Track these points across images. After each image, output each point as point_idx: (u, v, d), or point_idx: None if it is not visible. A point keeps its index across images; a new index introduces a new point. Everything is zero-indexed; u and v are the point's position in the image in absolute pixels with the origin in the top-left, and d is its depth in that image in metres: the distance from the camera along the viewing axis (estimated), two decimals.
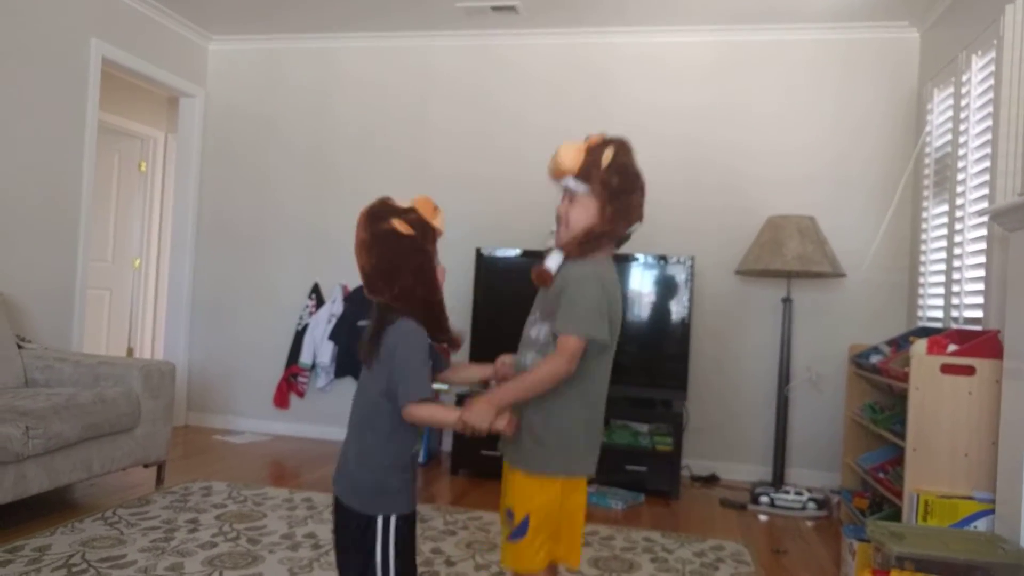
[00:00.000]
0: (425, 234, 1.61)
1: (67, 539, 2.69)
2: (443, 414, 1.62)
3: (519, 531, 1.62)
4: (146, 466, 3.44)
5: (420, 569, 2.55)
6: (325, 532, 2.91)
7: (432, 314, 1.63)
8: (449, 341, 1.69)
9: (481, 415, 1.54)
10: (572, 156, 1.69)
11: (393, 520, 1.57)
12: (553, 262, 1.70)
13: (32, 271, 3.80)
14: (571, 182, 1.70)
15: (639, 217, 1.78)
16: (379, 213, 1.61)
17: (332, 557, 2.62)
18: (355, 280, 4.69)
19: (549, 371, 1.58)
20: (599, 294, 1.62)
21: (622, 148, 1.74)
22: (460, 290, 4.24)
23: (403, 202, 1.64)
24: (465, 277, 4.25)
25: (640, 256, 4.08)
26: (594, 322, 1.59)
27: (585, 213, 1.69)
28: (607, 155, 1.69)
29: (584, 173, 1.69)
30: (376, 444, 1.59)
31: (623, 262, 4.07)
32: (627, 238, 1.79)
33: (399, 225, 1.58)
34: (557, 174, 1.71)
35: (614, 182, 1.70)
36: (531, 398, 1.60)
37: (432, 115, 4.69)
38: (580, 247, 1.67)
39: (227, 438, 4.65)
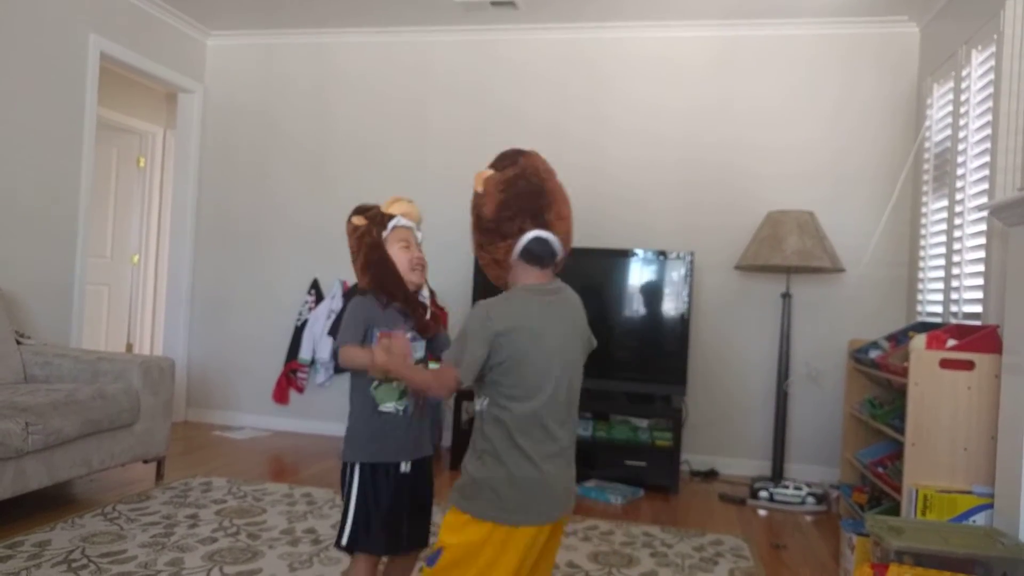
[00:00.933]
0: (378, 222, 1.88)
1: (67, 535, 2.69)
2: (358, 353, 1.76)
3: (431, 559, 1.50)
4: (146, 462, 3.44)
5: (419, 564, 2.55)
6: (325, 527, 2.91)
7: (387, 290, 1.86)
8: (412, 312, 1.88)
9: (390, 358, 1.63)
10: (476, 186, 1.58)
11: (358, 467, 1.82)
12: None
13: (31, 267, 3.80)
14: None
15: (511, 234, 1.51)
16: (350, 215, 1.92)
17: (332, 553, 2.63)
18: (354, 276, 4.68)
19: (428, 381, 1.69)
20: (477, 329, 1.48)
21: (496, 174, 1.54)
22: (459, 288, 4.24)
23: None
24: (464, 275, 4.24)
25: (639, 251, 4.08)
26: (466, 364, 1.48)
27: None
28: (476, 184, 1.55)
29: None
30: (351, 400, 1.88)
31: (622, 257, 4.07)
32: (548, 257, 1.54)
33: (355, 219, 1.90)
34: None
35: (476, 212, 1.56)
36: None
37: (431, 111, 4.69)
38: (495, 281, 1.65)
39: (226, 434, 4.65)
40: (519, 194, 1.51)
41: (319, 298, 4.72)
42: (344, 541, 1.82)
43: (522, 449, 1.47)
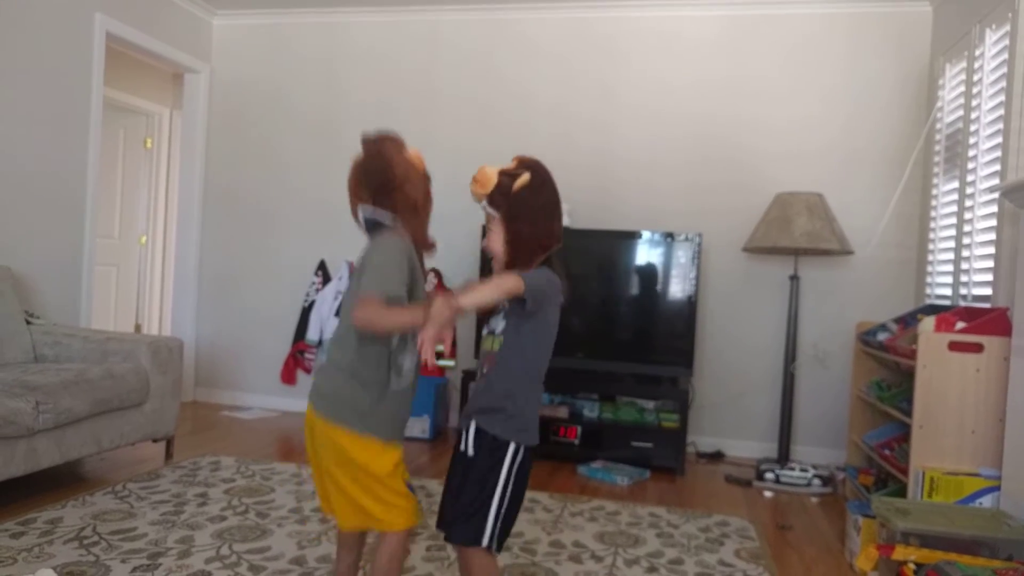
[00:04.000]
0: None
1: (78, 512, 2.72)
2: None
3: None
4: (155, 441, 3.47)
5: (427, 543, 2.57)
6: None
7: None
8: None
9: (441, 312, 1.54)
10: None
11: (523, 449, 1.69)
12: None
13: (39, 247, 3.81)
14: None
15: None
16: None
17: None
18: None
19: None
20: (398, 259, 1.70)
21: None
22: (466, 262, 4.25)
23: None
24: (472, 253, 4.24)
25: (647, 233, 4.07)
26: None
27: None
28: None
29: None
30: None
31: (630, 239, 4.06)
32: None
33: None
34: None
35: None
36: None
37: (440, 89, 4.66)
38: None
39: (235, 414, 4.68)
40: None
41: (326, 279, 4.73)
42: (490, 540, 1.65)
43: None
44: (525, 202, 1.68)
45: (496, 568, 1.71)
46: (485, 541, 1.62)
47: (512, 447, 1.65)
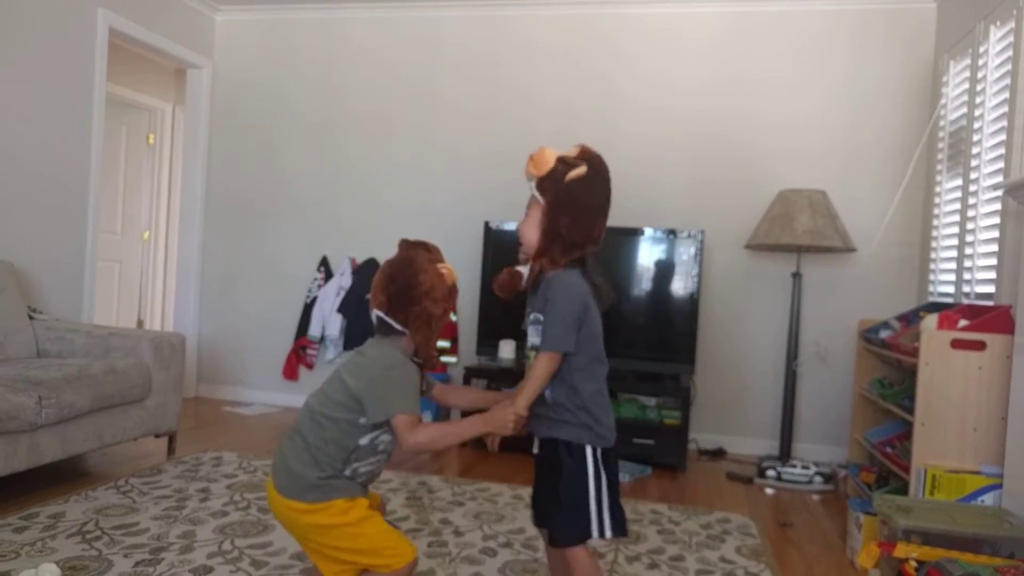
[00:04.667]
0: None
1: (81, 507, 2.73)
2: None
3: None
4: (157, 436, 3.47)
5: (429, 539, 2.58)
6: None
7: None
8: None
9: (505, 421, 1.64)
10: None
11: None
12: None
13: (42, 243, 3.81)
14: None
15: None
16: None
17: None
18: (363, 253, 4.69)
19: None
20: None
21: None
22: (468, 263, 4.25)
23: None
24: (474, 250, 4.24)
25: (649, 230, 4.06)
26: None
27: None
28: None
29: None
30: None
31: (631, 236, 4.06)
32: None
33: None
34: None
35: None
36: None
37: (441, 87, 4.65)
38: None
39: (237, 409, 4.69)
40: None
41: (328, 275, 4.73)
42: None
43: None
44: (574, 196, 1.64)
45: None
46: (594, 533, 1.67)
47: (590, 450, 1.69)
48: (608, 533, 1.68)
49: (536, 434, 1.75)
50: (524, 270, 1.73)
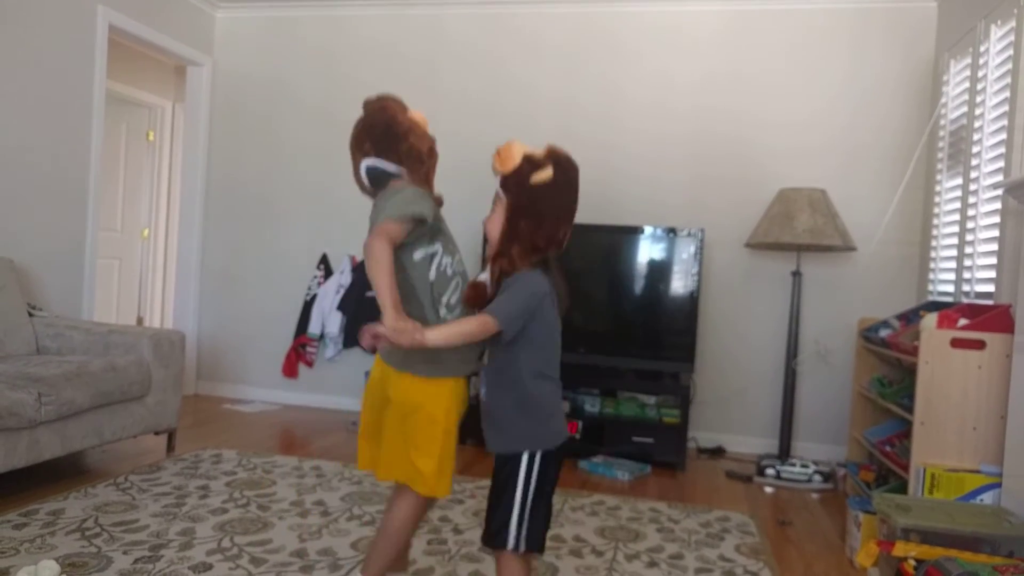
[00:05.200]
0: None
1: (80, 504, 2.73)
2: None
3: None
4: (157, 433, 3.47)
5: (428, 536, 2.58)
6: (334, 499, 2.94)
7: None
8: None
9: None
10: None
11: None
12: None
13: (42, 240, 3.81)
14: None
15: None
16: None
17: (341, 524, 2.66)
18: (363, 251, 4.68)
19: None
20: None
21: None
22: (467, 259, 4.23)
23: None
24: (473, 246, 4.24)
25: (649, 228, 4.06)
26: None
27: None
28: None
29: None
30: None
31: (632, 234, 4.05)
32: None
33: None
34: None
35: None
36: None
37: (443, 83, 4.65)
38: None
39: (236, 407, 4.68)
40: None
41: (328, 273, 4.73)
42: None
43: None
44: (538, 198, 1.58)
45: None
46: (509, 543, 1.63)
47: (525, 457, 1.63)
48: (522, 547, 1.63)
49: (486, 441, 1.71)
50: (485, 276, 1.70)
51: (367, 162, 1.73)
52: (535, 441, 1.64)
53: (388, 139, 1.71)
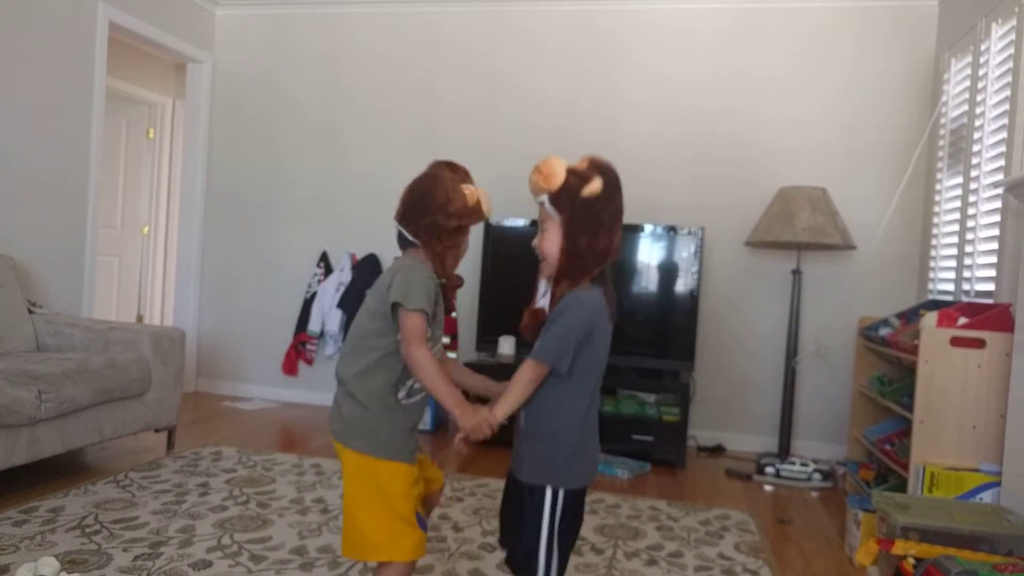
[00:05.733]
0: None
1: (80, 501, 2.73)
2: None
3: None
4: (157, 431, 3.48)
5: (428, 534, 2.58)
6: (334, 497, 2.94)
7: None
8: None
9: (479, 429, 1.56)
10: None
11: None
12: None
13: (42, 237, 3.81)
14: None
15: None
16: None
17: (340, 522, 2.66)
18: (363, 249, 4.69)
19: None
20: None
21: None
22: (468, 260, 4.22)
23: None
24: (474, 247, 4.23)
25: (649, 227, 4.06)
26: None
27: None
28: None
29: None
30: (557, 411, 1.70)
31: (632, 233, 4.05)
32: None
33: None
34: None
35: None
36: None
37: (441, 82, 4.65)
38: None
39: (236, 404, 4.69)
40: None
41: (328, 270, 4.73)
42: None
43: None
44: (592, 212, 1.56)
45: None
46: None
47: (549, 493, 1.59)
48: (553, 574, 1.60)
49: (512, 463, 1.68)
50: (545, 301, 1.67)
51: (395, 223, 1.75)
52: (559, 479, 1.59)
53: (415, 208, 1.70)
